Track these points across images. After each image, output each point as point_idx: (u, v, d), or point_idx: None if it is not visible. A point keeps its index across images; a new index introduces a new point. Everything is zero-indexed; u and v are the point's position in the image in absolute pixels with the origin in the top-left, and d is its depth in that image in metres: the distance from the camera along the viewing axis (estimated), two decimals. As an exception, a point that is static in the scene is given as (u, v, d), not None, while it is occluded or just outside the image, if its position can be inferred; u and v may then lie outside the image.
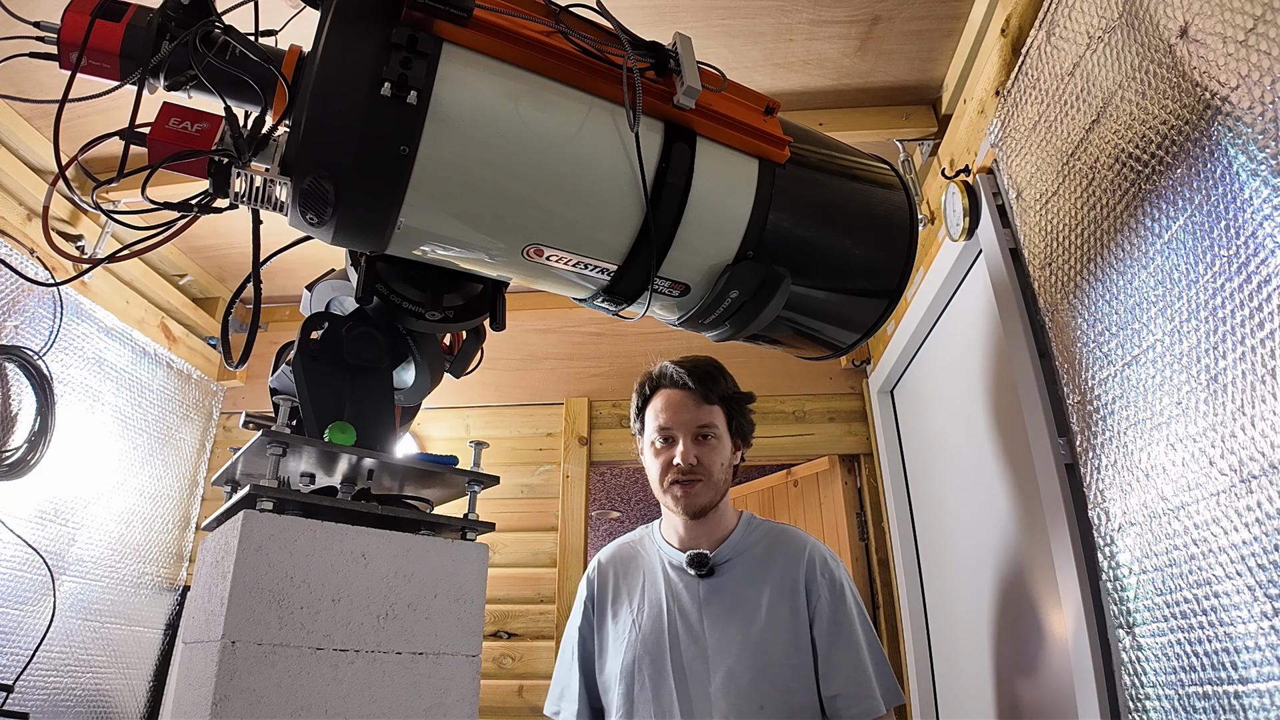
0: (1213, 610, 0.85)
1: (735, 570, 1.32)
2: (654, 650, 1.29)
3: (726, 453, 1.35)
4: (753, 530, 1.37)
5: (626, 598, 1.38)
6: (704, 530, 1.35)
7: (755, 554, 1.34)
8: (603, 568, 1.45)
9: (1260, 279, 0.76)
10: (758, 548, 1.35)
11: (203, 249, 2.45)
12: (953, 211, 1.52)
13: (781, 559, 1.32)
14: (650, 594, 1.36)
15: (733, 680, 1.23)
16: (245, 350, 0.88)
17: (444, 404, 2.64)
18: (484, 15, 0.76)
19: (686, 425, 1.32)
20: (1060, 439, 1.20)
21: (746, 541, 1.35)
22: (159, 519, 2.35)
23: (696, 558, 1.32)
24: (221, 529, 0.83)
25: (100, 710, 2.05)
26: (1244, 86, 0.77)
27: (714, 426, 1.33)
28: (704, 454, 1.32)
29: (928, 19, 1.59)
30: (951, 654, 1.86)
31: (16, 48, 0.76)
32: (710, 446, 1.33)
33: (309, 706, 0.73)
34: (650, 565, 1.39)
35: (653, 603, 1.34)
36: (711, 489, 1.32)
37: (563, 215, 0.86)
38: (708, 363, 1.38)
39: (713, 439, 1.33)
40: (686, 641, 1.28)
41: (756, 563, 1.33)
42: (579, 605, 1.44)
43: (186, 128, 0.76)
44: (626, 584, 1.40)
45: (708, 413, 1.34)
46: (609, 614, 1.39)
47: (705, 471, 1.31)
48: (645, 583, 1.38)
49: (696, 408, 1.33)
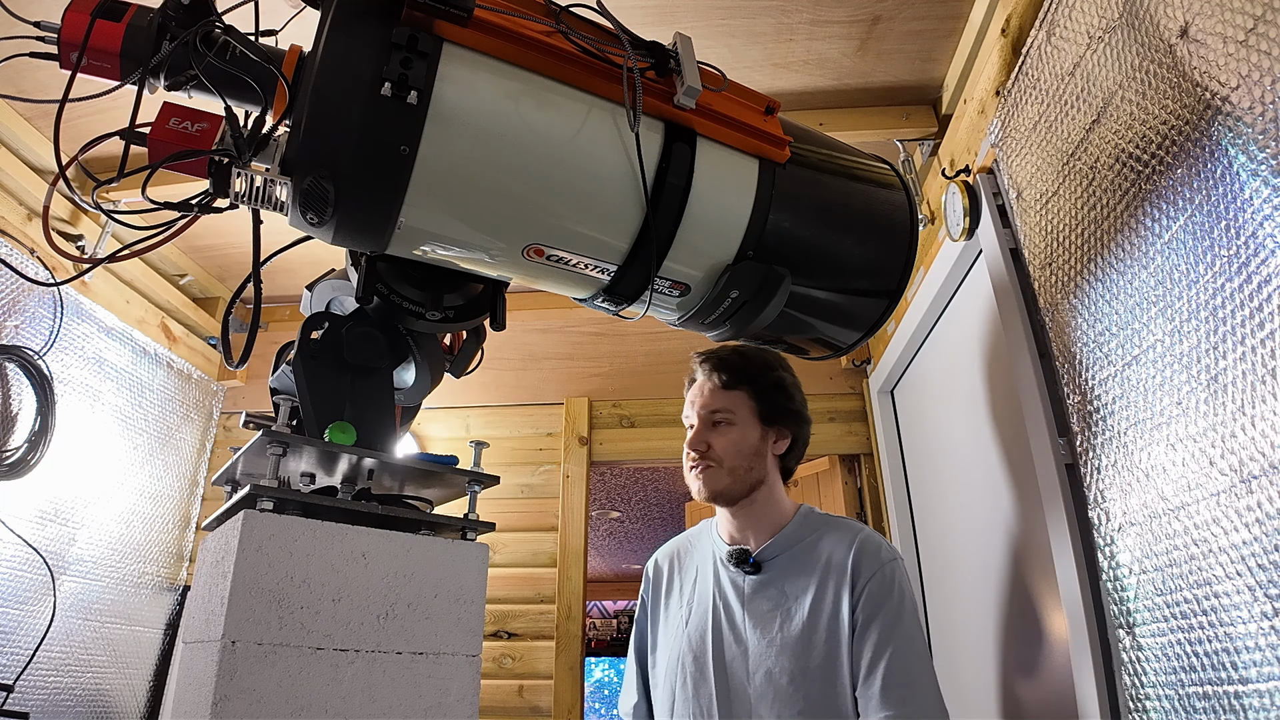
0: (1213, 610, 0.85)
1: (781, 566, 1.27)
2: (698, 648, 1.27)
3: (749, 439, 1.30)
4: (806, 524, 1.31)
5: (679, 591, 1.37)
6: (751, 523, 1.32)
7: (804, 548, 1.28)
8: (658, 564, 1.45)
9: (1260, 279, 0.76)
10: (808, 541, 1.28)
11: (203, 249, 2.46)
12: (953, 211, 1.52)
13: (830, 553, 1.25)
14: (700, 588, 1.34)
15: (771, 682, 1.18)
16: (245, 350, 0.88)
17: (444, 404, 2.64)
18: (484, 15, 0.76)
19: (701, 412, 1.32)
20: (1060, 439, 1.20)
21: (797, 535, 1.29)
22: (159, 519, 2.35)
23: (738, 554, 1.29)
24: (222, 529, 0.83)
25: (100, 710, 2.05)
26: (1244, 86, 0.77)
27: (729, 412, 1.31)
28: (715, 439, 1.30)
29: (928, 19, 1.59)
30: (952, 654, 1.86)
31: (17, 48, 0.76)
32: (723, 432, 1.30)
33: (309, 706, 0.73)
34: (704, 559, 1.38)
35: (701, 598, 1.32)
36: (727, 475, 1.28)
37: (563, 215, 0.86)
38: (733, 350, 1.36)
39: (726, 424, 1.30)
40: (730, 640, 1.25)
41: (804, 557, 1.27)
42: (640, 600, 1.46)
43: (187, 128, 0.77)
44: (680, 577, 1.39)
45: (724, 398, 1.31)
46: (663, 607, 1.39)
47: (716, 457, 1.29)
48: (698, 576, 1.36)
49: (713, 395, 1.32)
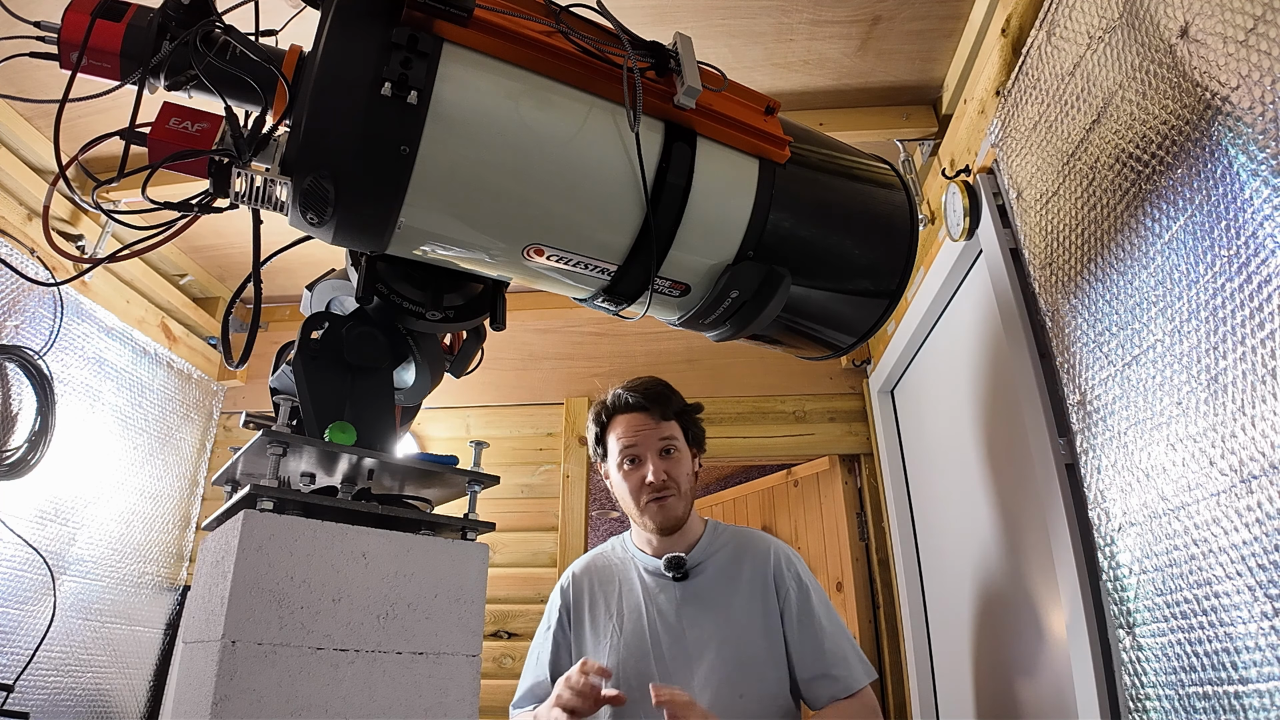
0: (1213, 610, 0.85)
1: (707, 572, 1.41)
2: (638, 651, 1.36)
3: (688, 464, 1.44)
4: (718, 535, 1.46)
5: (604, 605, 1.45)
6: (674, 538, 1.43)
7: (724, 556, 1.43)
8: (577, 578, 1.51)
9: (1260, 279, 0.76)
10: (725, 551, 1.44)
11: (203, 249, 2.45)
12: (953, 211, 1.52)
13: (749, 559, 1.42)
14: (629, 599, 1.43)
15: (713, 673, 1.31)
16: (245, 350, 0.88)
17: (444, 404, 2.64)
18: (484, 15, 0.76)
19: (650, 443, 1.41)
20: (1060, 439, 1.20)
21: (714, 545, 1.44)
22: (159, 519, 2.35)
23: (674, 560, 1.40)
24: (222, 529, 0.83)
25: (100, 710, 2.05)
26: (1244, 86, 0.77)
27: (675, 439, 1.43)
28: (671, 468, 1.40)
29: (928, 19, 1.59)
30: (952, 654, 1.86)
31: (17, 47, 0.76)
32: (675, 460, 1.41)
33: (309, 706, 0.73)
34: (625, 573, 1.47)
35: (632, 607, 1.41)
36: (684, 500, 1.41)
37: (563, 215, 0.86)
38: (657, 382, 1.48)
39: (675, 452, 1.42)
40: (668, 641, 1.36)
41: (726, 564, 1.42)
42: (552, 614, 1.49)
43: (187, 127, 0.77)
44: (603, 591, 1.46)
45: (667, 428, 1.43)
46: (586, 621, 1.44)
47: (675, 484, 1.40)
48: (622, 589, 1.45)
49: (656, 425, 1.42)
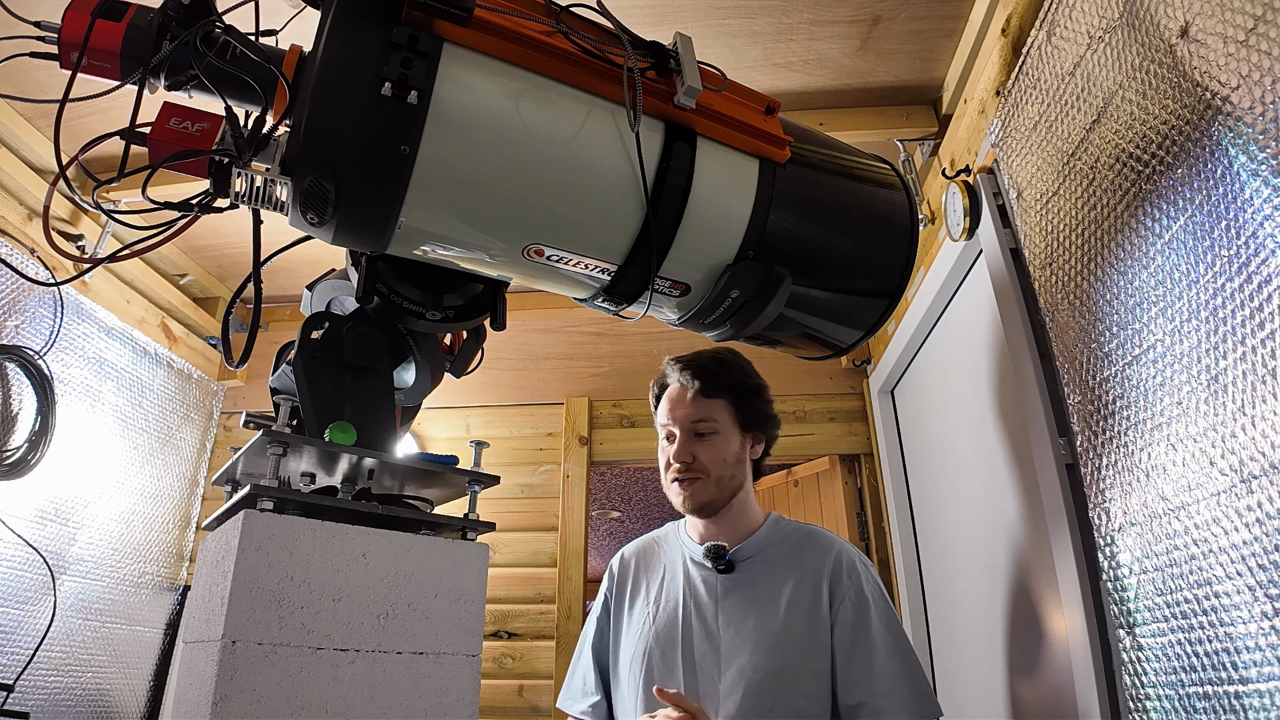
0: (1213, 610, 0.85)
1: (756, 567, 1.28)
2: (665, 643, 1.27)
3: (731, 448, 1.30)
4: (779, 529, 1.33)
5: (645, 590, 1.37)
6: (724, 527, 1.32)
7: (779, 552, 1.29)
8: (625, 560, 1.45)
9: (1261, 279, 0.76)
10: (782, 546, 1.30)
11: (203, 249, 2.46)
12: (953, 211, 1.52)
13: (806, 558, 1.27)
14: (669, 587, 1.33)
15: (742, 678, 1.18)
16: (246, 350, 0.88)
17: (444, 404, 2.64)
18: (485, 15, 0.76)
19: (682, 422, 1.30)
20: (1061, 439, 1.20)
21: (771, 539, 1.31)
22: (159, 519, 2.35)
23: (714, 549, 1.28)
24: (222, 529, 0.83)
25: (100, 710, 2.05)
26: (1244, 86, 0.77)
27: (713, 421, 1.30)
28: (701, 450, 1.29)
29: (928, 19, 1.59)
30: (952, 654, 1.86)
31: (17, 47, 0.76)
32: (709, 443, 1.29)
33: (309, 706, 0.73)
34: (671, 559, 1.38)
35: (670, 595, 1.32)
36: (714, 486, 1.28)
37: (563, 215, 0.86)
38: (711, 356, 1.35)
39: (711, 435, 1.30)
40: (700, 636, 1.25)
41: (779, 561, 1.28)
42: (600, 597, 1.44)
43: (187, 127, 0.77)
44: (647, 577, 1.39)
45: (706, 407, 1.30)
46: (627, 605, 1.38)
47: (703, 468, 1.28)
48: (665, 576, 1.36)
49: (693, 403, 1.31)
